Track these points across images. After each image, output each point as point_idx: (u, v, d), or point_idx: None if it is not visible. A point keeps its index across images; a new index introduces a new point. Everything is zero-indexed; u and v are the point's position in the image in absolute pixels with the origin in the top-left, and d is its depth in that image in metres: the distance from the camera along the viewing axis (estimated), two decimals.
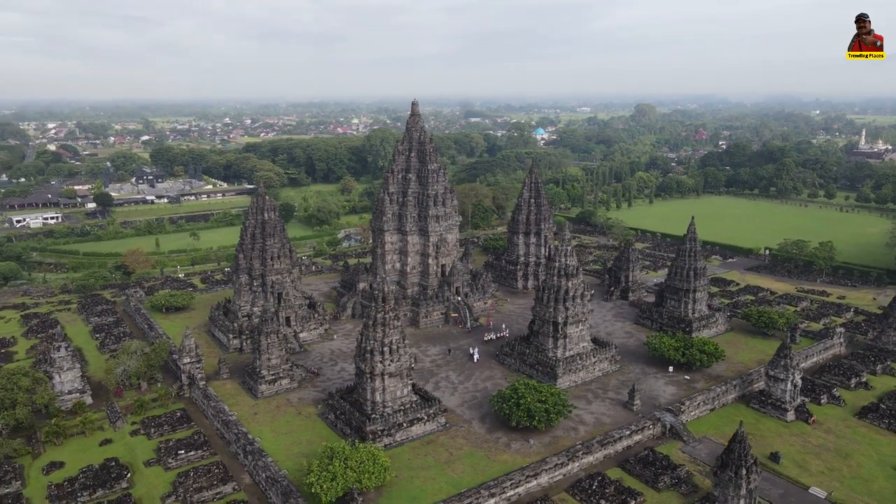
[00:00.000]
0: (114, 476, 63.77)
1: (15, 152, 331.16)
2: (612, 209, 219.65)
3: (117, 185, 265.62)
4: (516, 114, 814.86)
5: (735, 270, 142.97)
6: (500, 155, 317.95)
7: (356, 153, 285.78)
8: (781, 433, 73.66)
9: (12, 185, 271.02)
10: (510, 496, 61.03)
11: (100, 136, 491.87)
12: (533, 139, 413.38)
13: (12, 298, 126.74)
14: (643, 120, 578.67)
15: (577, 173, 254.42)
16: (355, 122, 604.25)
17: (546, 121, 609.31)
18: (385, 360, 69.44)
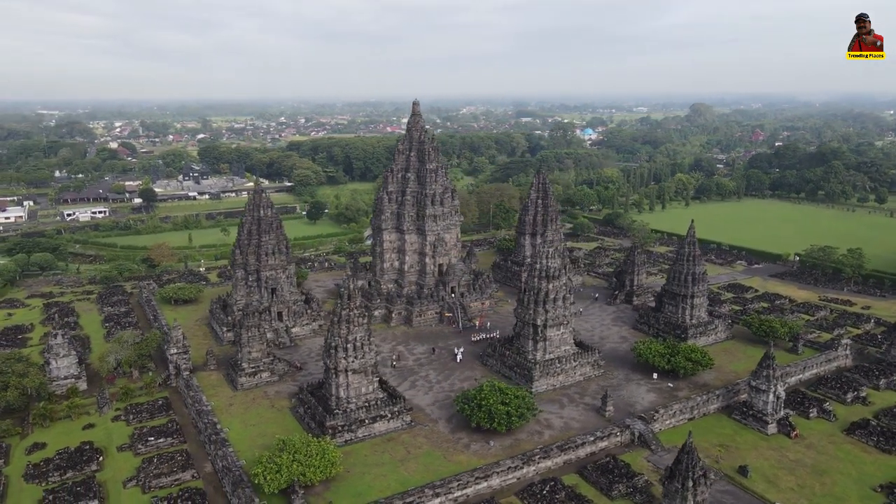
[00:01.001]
0: (86, 459, 66.94)
1: (77, 150, 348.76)
2: (645, 211, 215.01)
3: (164, 182, 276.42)
4: (569, 113, 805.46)
5: (758, 277, 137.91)
6: (540, 155, 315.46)
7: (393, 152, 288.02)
8: (759, 446, 71.02)
9: (70, 180, 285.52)
10: (457, 497, 61.00)
11: (159, 134, 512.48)
12: (578, 139, 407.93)
13: (43, 287, 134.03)
14: (698, 120, 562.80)
15: (613, 174, 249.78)
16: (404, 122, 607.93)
17: (597, 121, 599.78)
18: (349, 356, 70.43)
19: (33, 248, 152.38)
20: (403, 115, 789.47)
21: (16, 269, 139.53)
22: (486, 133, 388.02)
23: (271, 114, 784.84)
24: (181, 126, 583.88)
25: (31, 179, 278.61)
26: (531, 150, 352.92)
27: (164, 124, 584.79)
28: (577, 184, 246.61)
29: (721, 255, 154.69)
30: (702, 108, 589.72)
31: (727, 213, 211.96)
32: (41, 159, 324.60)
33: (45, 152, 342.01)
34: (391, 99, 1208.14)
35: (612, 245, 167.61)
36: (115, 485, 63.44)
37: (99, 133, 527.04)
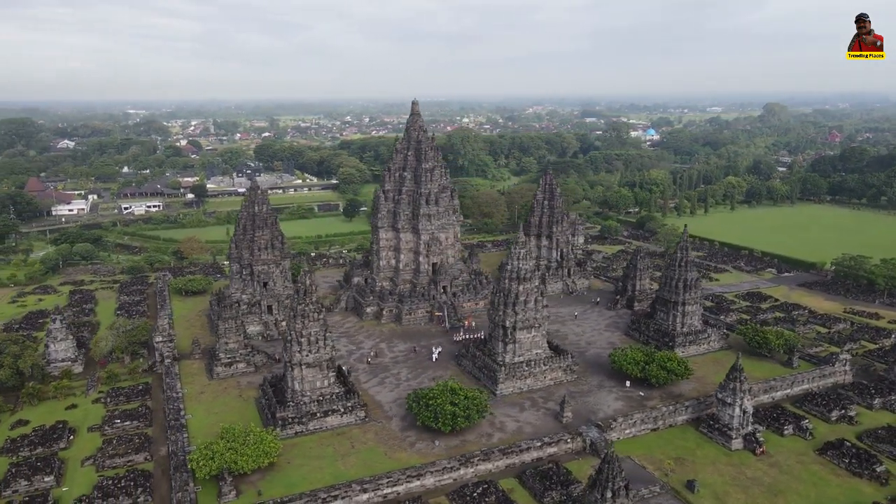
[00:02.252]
0: (56, 437, 71.38)
1: (146, 147, 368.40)
2: (685, 215, 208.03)
3: (219, 178, 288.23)
4: (638, 114, 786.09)
5: (784, 286, 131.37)
6: (589, 156, 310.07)
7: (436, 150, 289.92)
8: (718, 461, 68.14)
9: (135, 176, 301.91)
10: (386, 494, 61.52)
11: (228, 132, 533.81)
12: (636, 140, 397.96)
13: (79, 275, 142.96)
14: (771, 120, 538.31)
15: (659, 176, 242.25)
16: (465, 121, 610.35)
17: (663, 121, 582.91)
18: (303, 350, 72.14)
19: (76, 239, 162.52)
20: (467, 114, 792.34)
21: (58, 258, 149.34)
22: (537, 133, 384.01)
23: (339, 113, 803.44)
24: (250, 125, 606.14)
25: (100, 174, 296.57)
26: (584, 151, 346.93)
27: (234, 123, 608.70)
28: (621, 185, 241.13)
29: (751, 262, 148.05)
30: (776, 107, 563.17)
31: (774, 219, 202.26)
32: (113, 156, 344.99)
33: (119, 149, 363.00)
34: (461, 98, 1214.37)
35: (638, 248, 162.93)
36: (74, 462, 67.42)
37: (175, 131, 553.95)
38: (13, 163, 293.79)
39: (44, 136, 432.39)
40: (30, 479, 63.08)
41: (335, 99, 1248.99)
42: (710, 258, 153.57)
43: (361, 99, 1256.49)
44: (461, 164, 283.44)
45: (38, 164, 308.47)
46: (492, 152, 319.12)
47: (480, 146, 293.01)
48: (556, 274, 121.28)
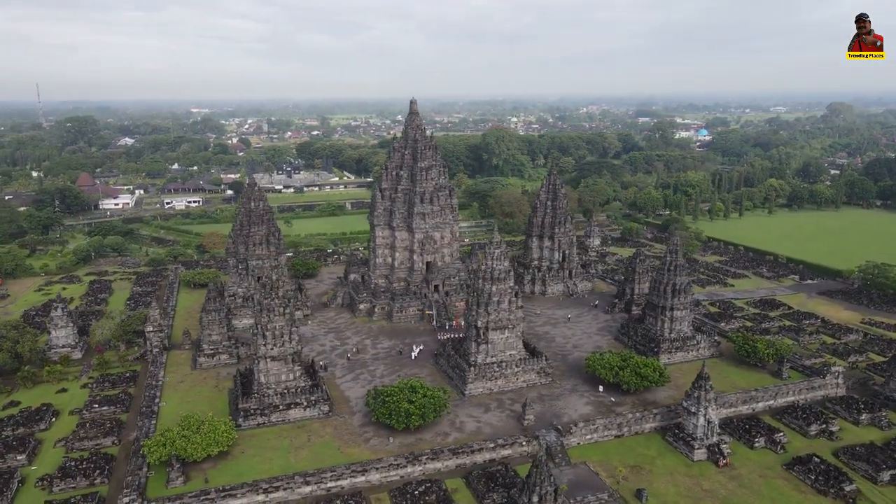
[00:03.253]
0: (38, 418, 75.32)
1: (196, 144, 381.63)
2: (718, 219, 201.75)
3: (260, 175, 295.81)
4: (697, 113, 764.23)
5: (804, 293, 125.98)
6: (628, 156, 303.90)
7: (473, 151, 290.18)
8: (676, 471, 66.27)
9: (183, 172, 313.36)
10: (329, 487, 62.44)
11: (280, 130, 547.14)
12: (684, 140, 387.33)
13: (106, 266, 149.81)
14: (834, 120, 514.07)
15: (696, 178, 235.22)
16: (514, 121, 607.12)
17: (718, 121, 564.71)
18: (268, 344, 73.87)
19: (109, 232, 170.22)
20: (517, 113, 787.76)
21: (89, 250, 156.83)
22: (578, 133, 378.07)
23: (391, 112, 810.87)
24: (301, 123, 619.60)
25: (150, 171, 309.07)
26: (626, 151, 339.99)
27: (287, 122, 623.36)
28: (656, 187, 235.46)
29: (774, 268, 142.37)
30: (840, 107, 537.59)
31: (813, 224, 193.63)
32: (165, 153, 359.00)
33: (172, 147, 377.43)
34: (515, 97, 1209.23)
35: (656, 251, 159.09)
36: (48, 443, 71.01)
37: (230, 129, 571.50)
38: (70, 159, 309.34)
39: (106, 133, 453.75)
40: (3, 457, 66.86)
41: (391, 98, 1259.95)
42: (732, 263, 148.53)
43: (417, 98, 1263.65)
44: (496, 164, 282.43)
45: (95, 160, 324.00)
46: (530, 152, 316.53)
47: (516, 145, 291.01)
48: (557, 275, 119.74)
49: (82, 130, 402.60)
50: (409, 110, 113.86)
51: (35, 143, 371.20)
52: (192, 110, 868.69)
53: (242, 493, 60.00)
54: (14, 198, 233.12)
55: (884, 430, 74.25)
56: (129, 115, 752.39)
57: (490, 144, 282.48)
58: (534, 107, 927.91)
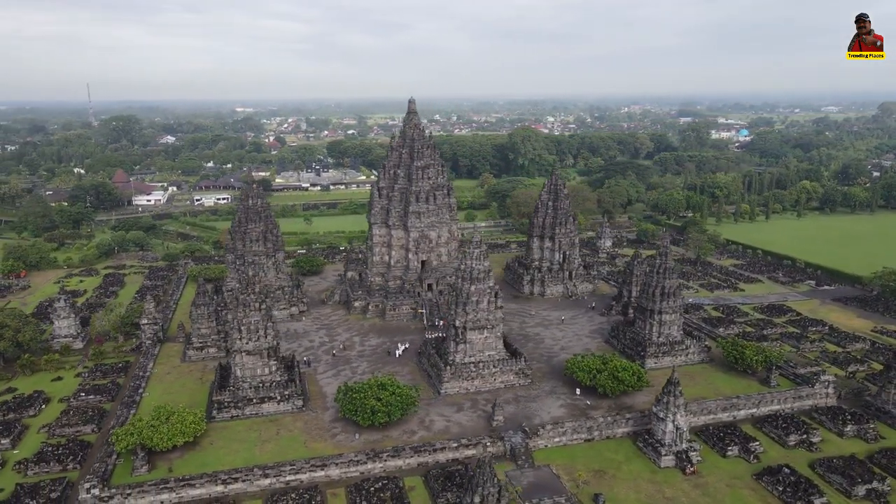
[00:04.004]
0: (29, 405, 78.45)
1: (232, 143, 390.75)
2: (744, 222, 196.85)
3: (289, 173, 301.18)
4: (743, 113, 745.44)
5: (817, 299, 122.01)
6: (659, 157, 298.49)
7: (500, 151, 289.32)
8: (641, 477, 65.11)
9: (217, 170, 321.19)
10: (288, 480, 63.41)
11: (317, 129, 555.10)
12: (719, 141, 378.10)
13: (127, 260, 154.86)
14: (886, 121, 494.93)
15: (725, 180, 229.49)
16: (550, 120, 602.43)
17: (762, 121, 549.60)
18: (243, 338, 75.38)
19: (132, 227, 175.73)
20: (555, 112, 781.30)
21: (112, 244, 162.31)
22: (609, 133, 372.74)
23: (430, 111, 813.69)
24: (339, 122, 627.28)
25: (185, 168, 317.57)
26: (660, 151, 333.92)
27: (325, 121, 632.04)
28: (684, 188, 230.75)
29: (790, 273, 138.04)
30: (893, 107, 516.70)
31: (842, 227, 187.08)
32: (203, 151, 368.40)
33: (209, 145, 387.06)
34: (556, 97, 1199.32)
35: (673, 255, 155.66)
36: (33, 429, 73.89)
37: (270, 128, 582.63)
38: (110, 156, 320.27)
39: (149, 132, 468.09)
40: None
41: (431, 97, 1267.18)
42: (747, 267, 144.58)
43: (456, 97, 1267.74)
44: (521, 164, 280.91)
45: (134, 157, 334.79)
46: (558, 152, 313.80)
47: (542, 145, 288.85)
48: (557, 276, 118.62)
49: (125, 129, 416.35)
50: (408, 109, 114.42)
51: (81, 142, 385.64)
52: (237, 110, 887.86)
53: (201, 483, 61.44)
54: (53, 193, 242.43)
55: (869, 442, 71.44)
56: (176, 114, 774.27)
57: (516, 144, 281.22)
58: (574, 106, 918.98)
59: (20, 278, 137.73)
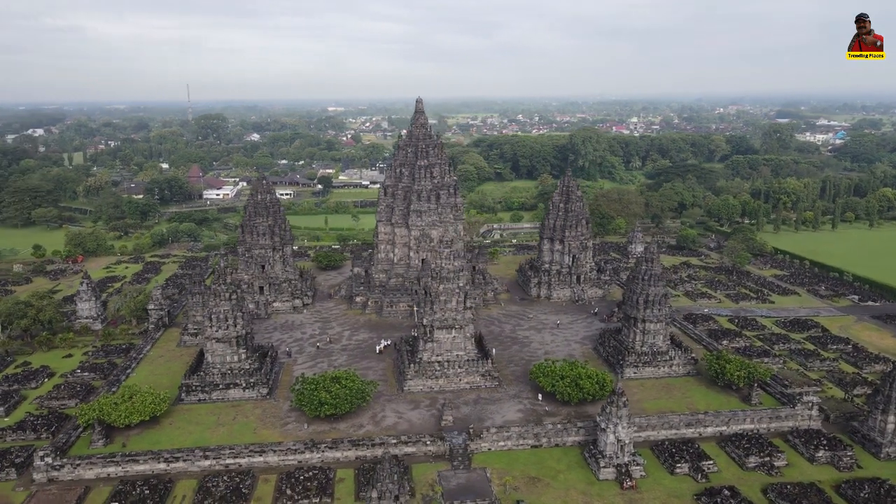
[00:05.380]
0: (33, 378, 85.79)
1: (308, 140, 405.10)
2: (806, 229, 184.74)
3: (352, 171, 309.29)
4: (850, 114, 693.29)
5: (853, 316, 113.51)
6: (731, 160, 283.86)
7: (560, 151, 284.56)
8: (575, 488, 63.47)
9: (288, 166, 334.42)
10: (228, 463, 66.27)
11: (396, 128, 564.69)
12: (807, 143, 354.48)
13: (176, 250, 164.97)
14: None
15: (794, 185, 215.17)
16: (634, 121, 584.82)
17: (867, 122, 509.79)
18: (213, 326, 79.15)
19: (188, 219, 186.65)
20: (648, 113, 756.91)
21: (165, 234, 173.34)
22: (681, 134, 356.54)
23: (514, 111, 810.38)
24: None
25: (259, 164, 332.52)
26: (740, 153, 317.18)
27: (406, 120, 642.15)
28: (750, 193, 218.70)
29: (834, 287, 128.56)
30: None
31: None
32: (280, 147, 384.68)
33: (288, 142, 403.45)
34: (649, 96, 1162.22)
35: (709, 262, 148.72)
36: (29, 399, 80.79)
37: (353, 126, 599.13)
38: (191, 152, 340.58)
39: (237, 129, 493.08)
40: None
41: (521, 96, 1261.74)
42: (789, 278, 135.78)
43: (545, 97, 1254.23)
44: (581, 165, 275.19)
45: (215, 153, 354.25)
46: (625, 154, 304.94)
47: (604, 146, 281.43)
48: (565, 280, 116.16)
49: (213, 126, 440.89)
50: (415, 109, 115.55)
51: (174, 138, 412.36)
52: (330, 109, 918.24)
53: (145, 459, 65.33)
54: (135, 186, 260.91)
55: (841, 471, 66.05)
56: (271, 112, 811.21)
57: (576, 145, 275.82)
58: (667, 107, 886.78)
59: (77, 263, 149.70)
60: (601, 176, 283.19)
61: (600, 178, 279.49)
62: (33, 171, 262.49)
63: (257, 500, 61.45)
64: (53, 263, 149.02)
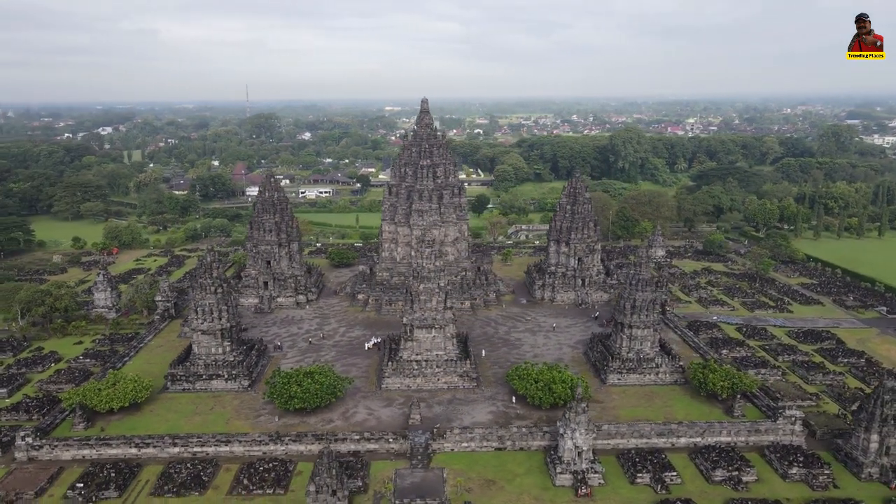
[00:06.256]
0: (40, 362, 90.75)
1: (355, 139, 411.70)
2: (849, 237, 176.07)
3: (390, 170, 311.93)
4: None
5: (877, 329, 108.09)
6: (781, 163, 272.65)
7: (601, 152, 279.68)
8: (529, 493, 62.80)
9: (332, 164, 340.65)
10: (195, 451, 68.51)
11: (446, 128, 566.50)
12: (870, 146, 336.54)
13: (206, 244, 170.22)
14: None
15: (844, 190, 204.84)
16: (691, 122, 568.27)
17: None
18: (199, 318, 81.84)
19: (220, 215, 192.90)
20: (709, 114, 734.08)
21: (198, 229, 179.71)
22: (731, 135, 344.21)
23: (569, 111, 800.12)
24: (472, 121, 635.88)
25: (305, 163, 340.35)
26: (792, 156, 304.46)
27: (458, 120, 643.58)
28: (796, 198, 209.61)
29: (863, 297, 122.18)
30: None
31: None
32: (328, 146, 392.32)
33: (336, 141, 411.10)
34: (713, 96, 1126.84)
35: (734, 268, 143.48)
36: (33, 383, 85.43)
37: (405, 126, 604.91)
38: (239, 150, 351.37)
39: (289, 128, 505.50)
40: None
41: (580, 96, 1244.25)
42: (817, 287, 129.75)
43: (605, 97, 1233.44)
44: (621, 166, 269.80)
45: (263, 152, 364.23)
46: (671, 155, 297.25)
47: (645, 148, 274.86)
48: (570, 283, 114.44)
49: (265, 125, 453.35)
50: (420, 109, 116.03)
51: (228, 137, 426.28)
52: (387, 108, 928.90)
53: (118, 444, 68.24)
54: (184, 183, 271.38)
55: (814, 489, 62.94)
56: (328, 112, 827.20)
57: (617, 146, 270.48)
58: (730, 107, 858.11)
59: (111, 255, 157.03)
60: (643, 178, 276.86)
61: (641, 181, 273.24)
62: (90, 167, 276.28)
63: (215, 488, 63.29)
64: (90, 255, 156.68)
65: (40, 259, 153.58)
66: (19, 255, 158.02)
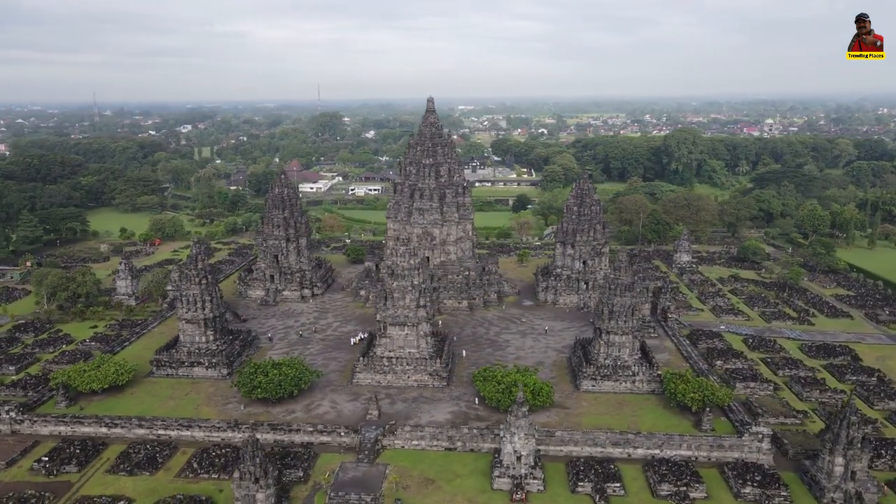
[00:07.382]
0: (52, 344, 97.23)
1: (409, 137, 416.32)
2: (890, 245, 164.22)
3: None
4: None
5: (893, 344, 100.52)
6: (852, 167, 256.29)
7: (655, 154, 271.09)
8: (462, 495, 62.45)
9: (387, 163, 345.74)
10: (159, 434, 71.87)
11: (512, 127, 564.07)
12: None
13: (244, 238, 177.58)
14: None
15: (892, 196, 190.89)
16: (769, 122, 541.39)
17: None
18: (184, 308, 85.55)
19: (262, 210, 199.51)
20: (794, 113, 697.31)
21: (239, 223, 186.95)
22: (800, 137, 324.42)
23: (644, 111, 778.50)
24: (540, 121, 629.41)
25: (359, 160, 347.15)
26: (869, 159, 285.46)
27: (525, 119, 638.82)
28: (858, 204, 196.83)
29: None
30: None
31: None
32: (388, 145, 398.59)
33: (395, 139, 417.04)
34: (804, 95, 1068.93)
35: (766, 277, 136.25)
36: (40, 362, 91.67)
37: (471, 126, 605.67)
38: (303, 148, 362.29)
39: (355, 127, 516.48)
40: None
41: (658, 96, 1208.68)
42: (853, 299, 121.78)
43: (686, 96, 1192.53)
44: (675, 168, 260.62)
45: (322, 150, 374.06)
46: (732, 157, 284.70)
47: (700, 149, 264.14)
48: (574, 286, 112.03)
49: (329, 124, 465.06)
50: (426, 108, 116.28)
51: (295, 135, 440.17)
52: (459, 107, 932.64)
53: (90, 423, 72.45)
54: (243, 178, 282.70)
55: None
56: (399, 110, 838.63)
57: (670, 147, 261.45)
58: (821, 106, 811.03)
59: (153, 246, 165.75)
60: (699, 180, 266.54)
61: (697, 183, 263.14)
62: (157, 162, 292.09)
63: (167, 469, 66.14)
64: (135, 245, 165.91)
65: (90, 248, 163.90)
66: (74, 243, 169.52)
